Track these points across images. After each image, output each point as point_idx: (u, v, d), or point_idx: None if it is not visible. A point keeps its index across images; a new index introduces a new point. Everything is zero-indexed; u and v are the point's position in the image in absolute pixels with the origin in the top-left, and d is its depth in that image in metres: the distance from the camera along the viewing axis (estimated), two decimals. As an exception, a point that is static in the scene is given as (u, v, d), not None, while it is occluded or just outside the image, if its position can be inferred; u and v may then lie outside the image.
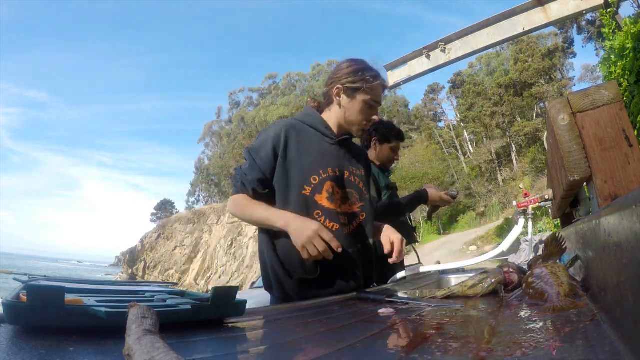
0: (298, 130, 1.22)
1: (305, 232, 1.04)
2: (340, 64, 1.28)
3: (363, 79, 1.21)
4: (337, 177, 1.20)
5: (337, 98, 1.24)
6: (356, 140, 1.38)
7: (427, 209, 2.07)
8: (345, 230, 1.18)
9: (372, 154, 2.09)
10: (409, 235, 2.01)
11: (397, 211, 1.89)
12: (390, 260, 1.19)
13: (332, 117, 1.28)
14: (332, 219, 1.16)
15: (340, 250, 1.05)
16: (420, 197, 1.91)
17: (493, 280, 0.81)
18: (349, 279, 1.15)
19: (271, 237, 1.17)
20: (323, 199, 1.17)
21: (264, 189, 1.16)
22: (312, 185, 1.16)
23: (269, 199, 1.16)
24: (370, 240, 1.26)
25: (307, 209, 1.14)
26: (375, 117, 1.27)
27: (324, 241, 1.03)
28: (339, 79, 1.24)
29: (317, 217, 1.14)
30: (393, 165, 2.20)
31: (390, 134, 2.10)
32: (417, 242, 2.17)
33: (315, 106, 1.32)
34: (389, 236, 1.24)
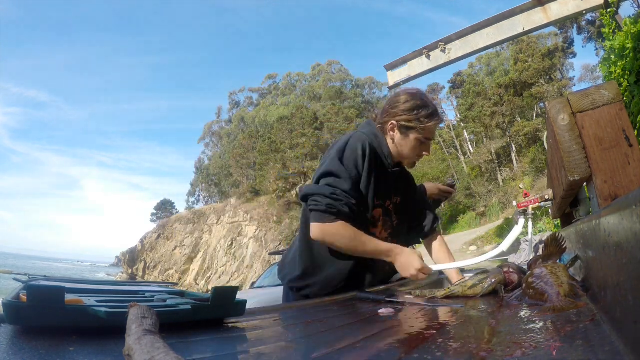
0: (373, 152, 1.20)
1: (409, 269, 1.12)
2: (398, 95, 1.26)
3: (418, 118, 1.19)
4: (382, 205, 1.25)
5: (392, 132, 1.23)
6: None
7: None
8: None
9: None
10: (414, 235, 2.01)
11: None
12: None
13: (389, 145, 1.27)
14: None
15: (424, 278, 1.17)
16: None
17: (493, 280, 0.81)
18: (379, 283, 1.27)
19: (316, 247, 1.21)
20: (380, 230, 1.26)
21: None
22: (374, 209, 1.21)
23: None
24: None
25: (367, 229, 1.18)
26: (427, 153, 1.29)
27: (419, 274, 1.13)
28: (395, 114, 1.22)
29: (372, 234, 1.20)
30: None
31: None
32: (420, 242, 2.16)
33: (379, 127, 1.28)
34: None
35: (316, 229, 1.11)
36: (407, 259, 1.13)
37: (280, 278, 1.36)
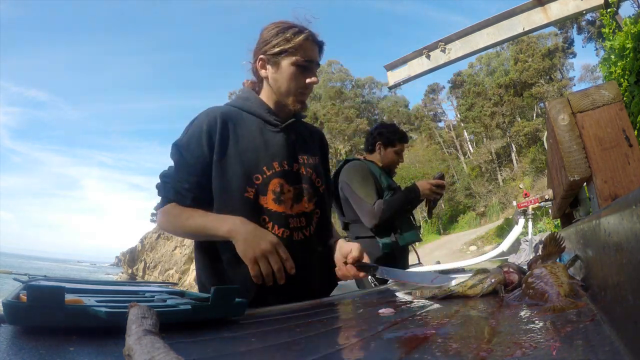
0: (235, 119, 1.04)
1: (260, 242, 0.86)
2: (261, 32, 1.08)
3: (285, 38, 1.02)
4: (286, 172, 1.03)
5: (264, 71, 1.06)
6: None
7: (426, 208, 2.06)
8: (300, 235, 1.03)
9: (375, 157, 2.10)
10: (414, 234, 2.00)
11: (399, 208, 1.87)
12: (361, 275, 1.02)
13: (268, 97, 1.09)
14: (282, 224, 1.00)
15: (293, 272, 0.89)
16: (410, 190, 1.90)
17: (493, 280, 0.81)
18: (305, 291, 0.97)
19: (210, 255, 1.01)
20: (269, 201, 0.99)
21: (205, 196, 0.98)
22: (256, 186, 0.99)
23: (210, 208, 0.98)
24: (332, 240, 1.12)
25: (251, 215, 0.95)
26: (313, 79, 1.06)
27: (280, 258, 0.87)
28: (260, 49, 1.06)
29: (263, 223, 0.98)
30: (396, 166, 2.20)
31: (394, 138, 2.10)
32: (421, 240, 2.15)
33: (252, 86, 1.13)
34: (343, 252, 1.05)
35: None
36: (256, 231, 0.89)
37: None
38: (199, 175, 0.98)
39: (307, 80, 1.05)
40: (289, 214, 1.01)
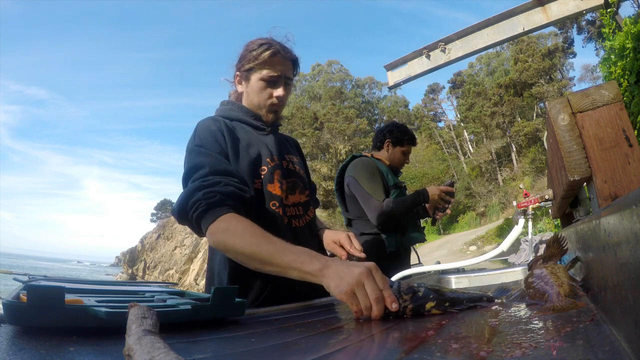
0: (231, 123, 1.09)
1: (352, 270, 0.66)
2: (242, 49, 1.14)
3: (252, 56, 1.07)
4: (280, 166, 1.09)
5: (240, 86, 1.15)
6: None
7: (431, 213, 2.04)
8: (298, 222, 1.09)
9: (383, 154, 2.10)
10: (420, 235, 2.00)
11: (406, 210, 1.87)
12: (356, 253, 1.04)
13: (248, 109, 1.15)
14: (284, 211, 1.06)
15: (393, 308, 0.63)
16: (419, 193, 1.89)
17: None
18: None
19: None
20: (276, 188, 1.05)
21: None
22: (262, 177, 1.04)
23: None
24: (320, 232, 1.19)
25: (263, 203, 1.01)
26: (279, 92, 1.09)
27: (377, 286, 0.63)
28: (237, 66, 1.13)
29: (273, 208, 1.03)
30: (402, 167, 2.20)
31: (404, 138, 2.11)
32: (425, 241, 2.15)
33: (236, 97, 1.19)
34: (336, 238, 1.10)
35: (209, 234, 0.85)
36: (346, 267, 0.68)
37: None
38: (227, 163, 0.96)
39: (274, 94, 1.10)
40: (286, 204, 1.07)
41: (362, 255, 1.03)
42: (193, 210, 0.86)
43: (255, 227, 0.83)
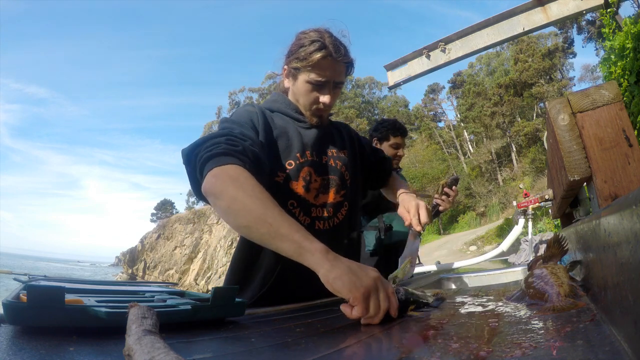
0: (270, 113, 1.07)
1: (363, 277, 0.62)
2: (295, 37, 1.08)
3: (302, 55, 1.01)
4: (316, 162, 1.05)
5: (287, 81, 1.10)
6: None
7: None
8: (325, 224, 1.05)
9: None
10: (404, 233, 1.99)
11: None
12: (417, 229, 1.06)
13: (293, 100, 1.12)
14: (306, 212, 1.01)
15: (395, 316, 0.62)
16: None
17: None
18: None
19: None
20: (299, 187, 1.00)
21: (261, 162, 0.85)
22: (287, 171, 0.99)
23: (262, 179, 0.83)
24: (355, 234, 1.14)
25: (278, 199, 0.74)
26: (325, 99, 1.04)
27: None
28: (286, 58, 1.07)
29: (291, 207, 0.99)
30: (397, 161, 2.12)
31: (388, 132, 2.08)
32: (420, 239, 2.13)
33: (284, 90, 1.15)
34: (407, 206, 1.09)
35: (210, 175, 0.75)
36: (359, 267, 0.64)
37: None
38: (256, 139, 0.91)
39: (320, 99, 1.05)
40: (312, 203, 1.03)
41: (420, 229, 1.06)
42: (207, 149, 0.78)
43: (262, 190, 0.73)
